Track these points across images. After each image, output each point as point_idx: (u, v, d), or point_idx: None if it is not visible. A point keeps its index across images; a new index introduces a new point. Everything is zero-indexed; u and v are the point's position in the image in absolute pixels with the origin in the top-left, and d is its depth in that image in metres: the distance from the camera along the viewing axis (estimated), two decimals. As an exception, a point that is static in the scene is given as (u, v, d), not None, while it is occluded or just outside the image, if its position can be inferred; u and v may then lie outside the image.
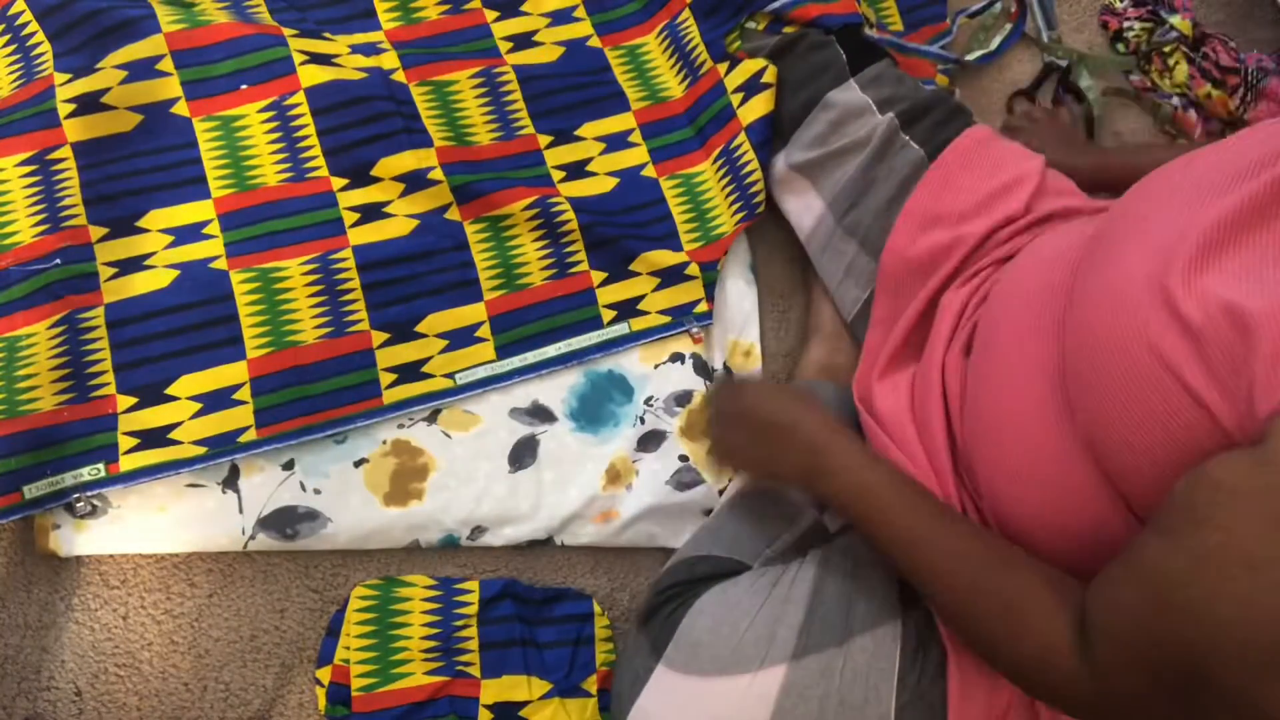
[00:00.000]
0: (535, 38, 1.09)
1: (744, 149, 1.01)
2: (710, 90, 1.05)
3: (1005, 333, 0.69)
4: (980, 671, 0.69)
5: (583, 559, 0.97)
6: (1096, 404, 0.56)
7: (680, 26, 1.08)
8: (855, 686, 0.68)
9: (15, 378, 0.87)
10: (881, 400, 0.80)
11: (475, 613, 0.91)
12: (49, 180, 0.94)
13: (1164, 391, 0.52)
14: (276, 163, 0.98)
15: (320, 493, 0.91)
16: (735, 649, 0.70)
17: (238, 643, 0.91)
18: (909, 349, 0.84)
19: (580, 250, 0.99)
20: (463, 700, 0.89)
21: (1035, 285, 0.68)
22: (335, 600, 0.93)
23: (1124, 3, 1.21)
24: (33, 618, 0.90)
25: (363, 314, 0.95)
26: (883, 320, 0.87)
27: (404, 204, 0.98)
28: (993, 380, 0.69)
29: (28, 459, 0.86)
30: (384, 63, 1.03)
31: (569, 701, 0.91)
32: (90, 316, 0.91)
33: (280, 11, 1.06)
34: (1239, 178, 0.55)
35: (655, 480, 0.95)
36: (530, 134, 1.04)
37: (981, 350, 0.72)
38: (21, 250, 0.92)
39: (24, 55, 0.99)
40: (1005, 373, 0.68)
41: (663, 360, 0.99)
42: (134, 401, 0.90)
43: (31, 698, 0.88)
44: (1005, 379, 0.67)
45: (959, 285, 0.82)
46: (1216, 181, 0.56)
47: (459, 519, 0.93)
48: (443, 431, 0.94)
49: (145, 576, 0.91)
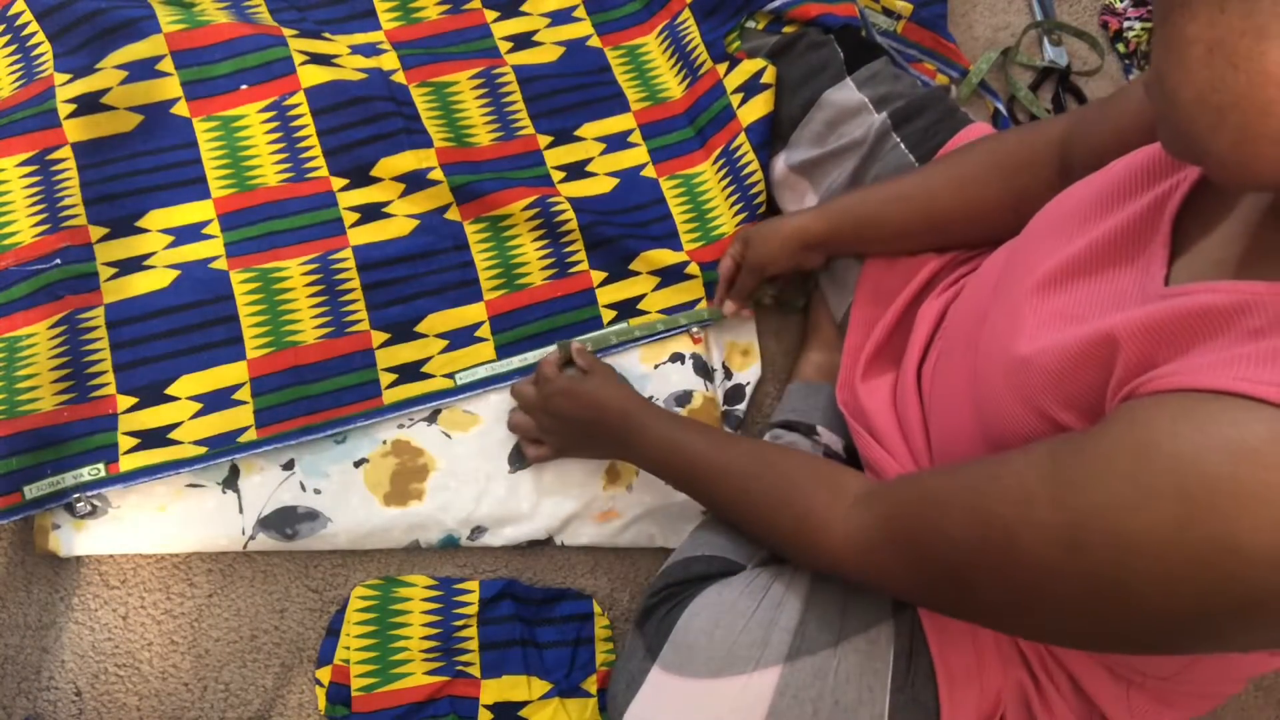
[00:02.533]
0: (535, 38, 1.09)
1: (744, 149, 1.01)
2: (710, 91, 1.05)
3: (952, 354, 0.72)
4: (967, 673, 0.69)
5: (583, 559, 0.97)
6: (988, 423, 0.61)
7: (680, 27, 1.08)
8: (849, 688, 0.68)
9: (15, 378, 0.88)
10: (867, 400, 0.81)
11: (475, 613, 0.91)
12: (49, 180, 0.94)
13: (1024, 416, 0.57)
14: (276, 163, 0.98)
15: (320, 493, 0.91)
16: (730, 650, 0.70)
17: (238, 643, 0.91)
18: (889, 351, 0.85)
19: (580, 250, 0.99)
20: (463, 700, 0.89)
21: (969, 309, 0.72)
22: (335, 600, 0.93)
23: (1124, 3, 1.21)
24: (33, 618, 0.90)
25: (363, 314, 0.95)
26: (863, 323, 0.88)
27: (404, 204, 0.98)
28: (943, 399, 0.72)
29: (28, 459, 0.86)
30: (384, 63, 1.03)
31: (569, 701, 0.91)
32: (90, 316, 0.91)
33: (280, 11, 1.06)
34: (1085, 220, 0.60)
35: (655, 480, 0.95)
36: (530, 134, 1.04)
37: (937, 368, 0.75)
38: (22, 250, 0.92)
39: (24, 55, 0.99)
40: (949, 392, 0.71)
41: (663, 360, 0.99)
42: (134, 402, 0.90)
43: (31, 698, 0.88)
44: (949, 398, 0.71)
45: (937, 295, 0.83)
46: (1069, 223, 0.61)
47: (459, 519, 0.93)
48: (443, 431, 0.94)
49: (145, 576, 0.91)
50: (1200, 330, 0.47)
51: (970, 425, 0.66)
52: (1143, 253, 0.56)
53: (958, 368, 0.70)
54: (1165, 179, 0.57)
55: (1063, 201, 0.65)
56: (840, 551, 0.64)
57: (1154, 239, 0.55)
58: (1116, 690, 0.68)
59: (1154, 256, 0.54)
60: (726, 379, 1.01)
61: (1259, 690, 0.99)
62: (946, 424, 0.72)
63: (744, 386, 1.00)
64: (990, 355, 0.62)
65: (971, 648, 0.70)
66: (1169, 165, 0.57)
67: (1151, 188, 0.57)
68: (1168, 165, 0.57)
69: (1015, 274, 0.64)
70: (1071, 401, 0.54)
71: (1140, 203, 0.57)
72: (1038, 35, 1.20)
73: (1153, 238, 0.55)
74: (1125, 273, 0.56)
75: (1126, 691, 0.69)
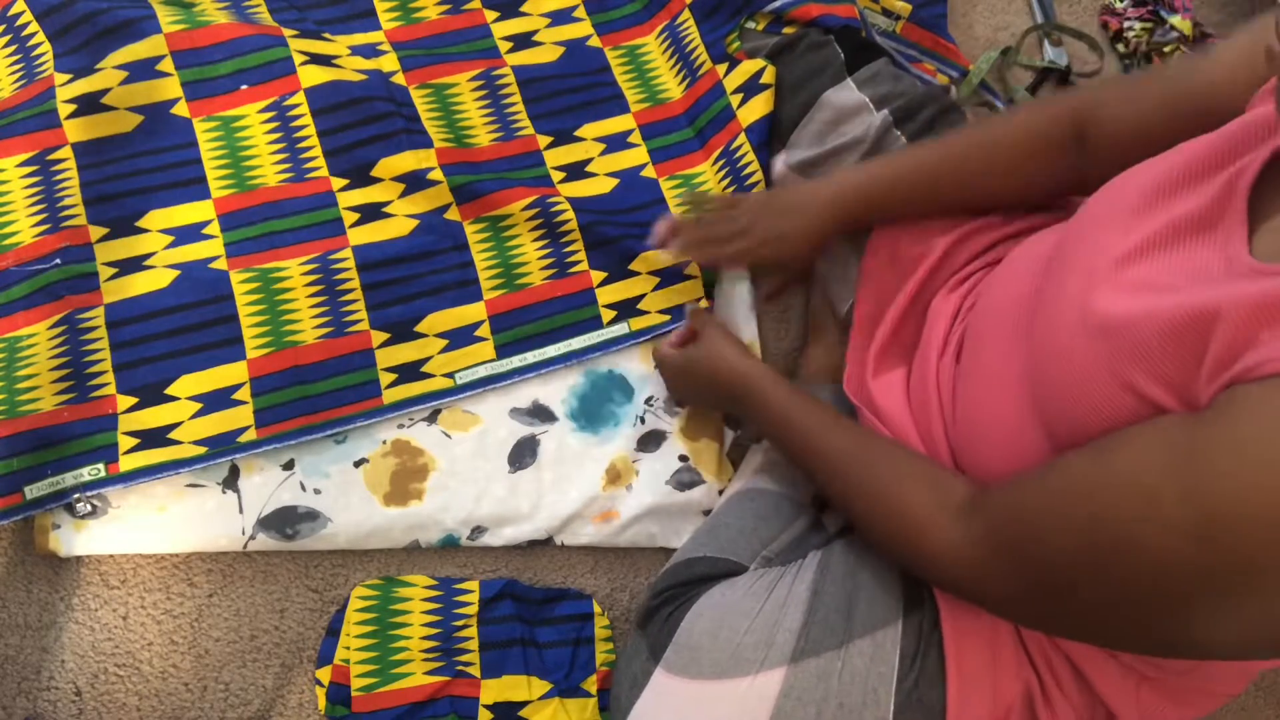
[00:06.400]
0: (535, 38, 1.09)
1: (744, 150, 1.01)
2: (709, 91, 1.05)
3: (986, 341, 0.71)
4: (979, 676, 0.69)
5: (583, 559, 0.97)
6: (1056, 407, 0.60)
7: (680, 27, 1.08)
8: (854, 690, 0.68)
9: (16, 378, 0.88)
10: (880, 398, 0.81)
11: (475, 613, 0.91)
12: (49, 180, 0.94)
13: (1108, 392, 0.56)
14: (276, 163, 0.98)
15: (320, 493, 0.91)
16: (734, 652, 0.70)
17: (238, 643, 0.91)
18: (897, 347, 0.85)
19: (580, 250, 0.99)
20: (463, 700, 0.89)
21: (1009, 295, 0.71)
22: (335, 600, 0.93)
23: (1124, 3, 1.21)
24: (33, 618, 0.90)
25: (363, 314, 0.95)
26: (867, 319, 0.88)
27: (404, 204, 0.98)
28: (977, 387, 0.71)
29: (29, 459, 0.86)
30: (384, 65, 1.03)
31: (569, 701, 0.91)
32: (90, 316, 0.91)
33: (280, 11, 1.06)
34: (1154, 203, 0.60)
35: (655, 480, 0.95)
36: (530, 135, 1.04)
37: (967, 357, 0.74)
38: (22, 250, 0.92)
39: (24, 56, 0.99)
40: (987, 380, 0.70)
41: (663, 360, 0.99)
42: (134, 402, 0.90)
43: (31, 698, 0.88)
44: (987, 386, 0.70)
45: (949, 290, 0.83)
46: (1138, 206, 0.61)
47: (459, 519, 0.93)
48: (443, 431, 0.94)
49: (145, 576, 0.91)
50: None
51: (1014, 414, 0.65)
52: (1219, 228, 0.56)
53: (997, 357, 0.69)
54: (1232, 164, 0.57)
55: (1124, 186, 0.64)
56: (940, 559, 0.63)
57: (1230, 216, 0.55)
58: (1126, 686, 0.68)
59: (1232, 232, 0.54)
60: (726, 379, 1.01)
61: (1259, 690, 0.99)
62: (977, 411, 0.71)
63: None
64: (1062, 327, 0.60)
65: (988, 649, 0.70)
66: (1234, 151, 0.58)
67: (1220, 172, 0.57)
68: (1233, 151, 0.58)
69: (1081, 250, 0.63)
70: (1162, 376, 0.53)
71: (1213, 183, 0.57)
72: (1038, 36, 1.20)
73: (1228, 214, 0.55)
74: (1205, 247, 0.56)
75: (1136, 687, 0.69)
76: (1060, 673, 0.69)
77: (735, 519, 0.85)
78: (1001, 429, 0.67)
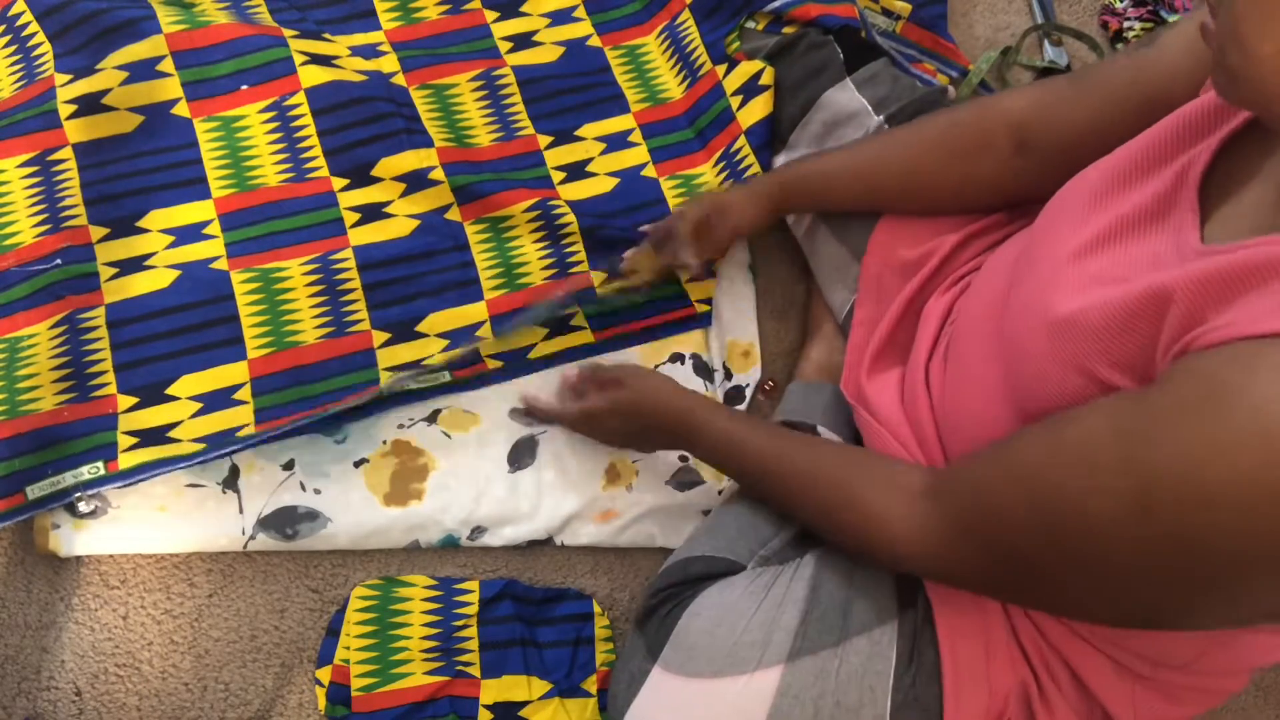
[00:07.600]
0: (535, 38, 1.09)
1: (744, 152, 1.01)
2: (709, 92, 1.05)
3: (969, 344, 0.72)
4: (974, 669, 0.69)
5: (583, 559, 0.97)
6: (1032, 406, 0.61)
7: (680, 28, 1.08)
8: (851, 688, 0.68)
9: (16, 378, 0.88)
10: (875, 398, 0.81)
11: (475, 613, 0.91)
12: (50, 181, 0.94)
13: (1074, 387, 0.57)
14: (277, 163, 0.98)
15: (320, 493, 0.91)
16: (731, 651, 0.70)
17: (238, 643, 0.91)
18: (893, 349, 0.85)
19: (580, 250, 0.99)
20: (463, 700, 0.89)
21: (985, 298, 0.72)
22: (335, 600, 0.93)
23: (1124, 3, 1.21)
24: (33, 618, 0.90)
25: (363, 314, 0.95)
26: (866, 321, 0.89)
27: (405, 204, 0.99)
28: (963, 389, 0.72)
29: (30, 460, 0.86)
30: (384, 66, 1.04)
31: (569, 701, 0.91)
32: (91, 317, 0.91)
33: (280, 11, 1.06)
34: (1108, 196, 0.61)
35: (655, 480, 0.95)
36: (530, 135, 1.04)
37: (953, 360, 0.75)
38: (23, 251, 0.92)
39: (25, 56, 0.99)
40: (971, 382, 0.71)
41: (663, 360, 0.99)
42: (135, 401, 0.90)
43: (31, 698, 0.88)
44: (971, 388, 0.70)
45: (941, 293, 0.83)
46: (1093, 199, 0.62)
47: (459, 519, 0.93)
48: (443, 431, 0.94)
49: (145, 576, 0.91)
50: (1250, 282, 0.48)
51: (994, 408, 0.66)
52: (1171, 218, 0.56)
53: (975, 354, 0.70)
54: (1183, 153, 0.58)
55: (1080, 183, 0.65)
56: (906, 548, 0.64)
57: (1181, 205, 0.56)
58: (1122, 686, 0.68)
59: (1184, 220, 0.55)
60: (727, 380, 1.01)
61: (1259, 690, 0.99)
62: (964, 412, 0.72)
63: (744, 388, 1.00)
64: (1025, 327, 0.62)
65: (982, 646, 0.70)
66: (1185, 141, 0.58)
67: (1171, 162, 0.58)
68: (1184, 141, 0.58)
69: (1041, 251, 0.64)
70: (1120, 361, 0.54)
71: (1162, 176, 0.58)
72: (1038, 36, 1.20)
73: (1179, 204, 0.56)
74: (1157, 237, 0.57)
75: (1132, 688, 0.69)
76: (1057, 673, 0.69)
77: (733, 518, 0.85)
78: (987, 430, 0.67)
